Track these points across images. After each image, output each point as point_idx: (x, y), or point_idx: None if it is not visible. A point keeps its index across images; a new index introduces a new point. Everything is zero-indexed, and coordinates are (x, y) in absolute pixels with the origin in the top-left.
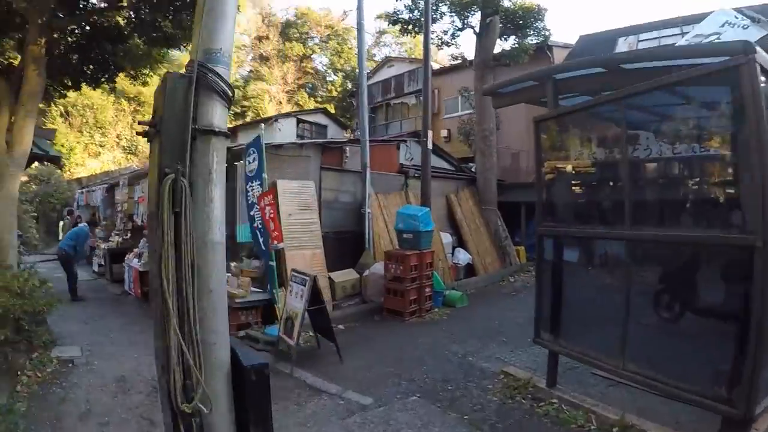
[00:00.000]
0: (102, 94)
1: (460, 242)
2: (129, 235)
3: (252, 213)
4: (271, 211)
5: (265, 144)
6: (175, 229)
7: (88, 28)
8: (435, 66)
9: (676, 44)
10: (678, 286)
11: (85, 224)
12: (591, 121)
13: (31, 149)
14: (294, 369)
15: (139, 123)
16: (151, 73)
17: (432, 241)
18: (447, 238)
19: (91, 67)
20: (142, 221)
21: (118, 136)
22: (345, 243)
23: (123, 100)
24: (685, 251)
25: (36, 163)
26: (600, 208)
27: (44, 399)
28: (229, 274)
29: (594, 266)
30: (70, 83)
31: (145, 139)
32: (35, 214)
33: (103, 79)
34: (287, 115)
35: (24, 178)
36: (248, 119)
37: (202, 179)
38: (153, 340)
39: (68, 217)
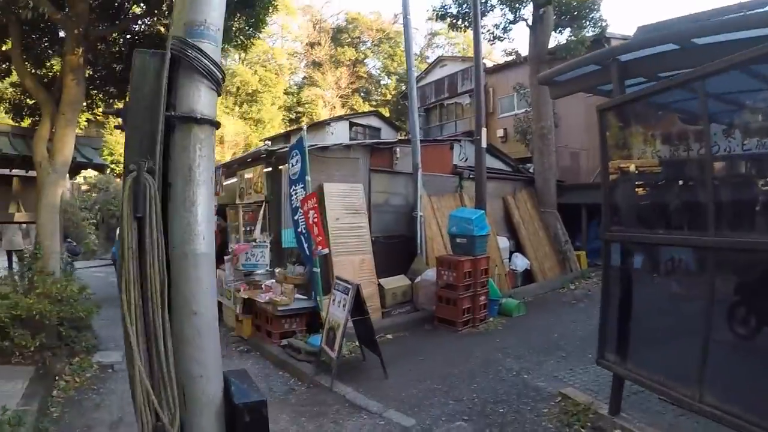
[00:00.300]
0: None
1: (517, 246)
2: None
3: (296, 217)
4: (315, 215)
5: (311, 146)
6: (139, 238)
7: (129, 37)
8: (488, 64)
9: None
10: None
11: None
12: (668, 108)
13: (75, 157)
14: (334, 383)
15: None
16: None
17: (487, 246)
18: (504, 242)
19: None
20: None
21: None
22: (396, 248)
23: None
24: None
25: (95, 173)
26: (680, 210)
27: (79, 405)
28: (273, 281)
29: (672, 278)
30: (115, 92)
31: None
32: (95, 221)
33: None
34: (339, 118)
35: (84, 187)
36: (302, 124)
37: (182, 178)
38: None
39: None
